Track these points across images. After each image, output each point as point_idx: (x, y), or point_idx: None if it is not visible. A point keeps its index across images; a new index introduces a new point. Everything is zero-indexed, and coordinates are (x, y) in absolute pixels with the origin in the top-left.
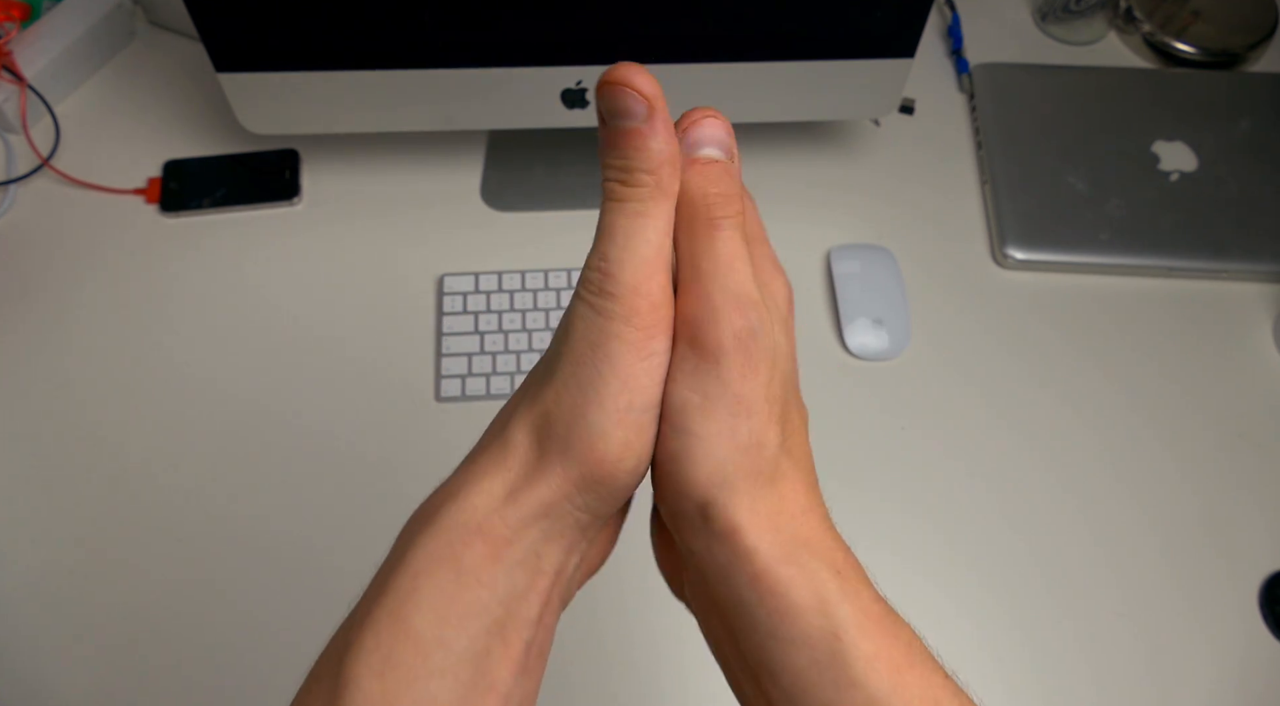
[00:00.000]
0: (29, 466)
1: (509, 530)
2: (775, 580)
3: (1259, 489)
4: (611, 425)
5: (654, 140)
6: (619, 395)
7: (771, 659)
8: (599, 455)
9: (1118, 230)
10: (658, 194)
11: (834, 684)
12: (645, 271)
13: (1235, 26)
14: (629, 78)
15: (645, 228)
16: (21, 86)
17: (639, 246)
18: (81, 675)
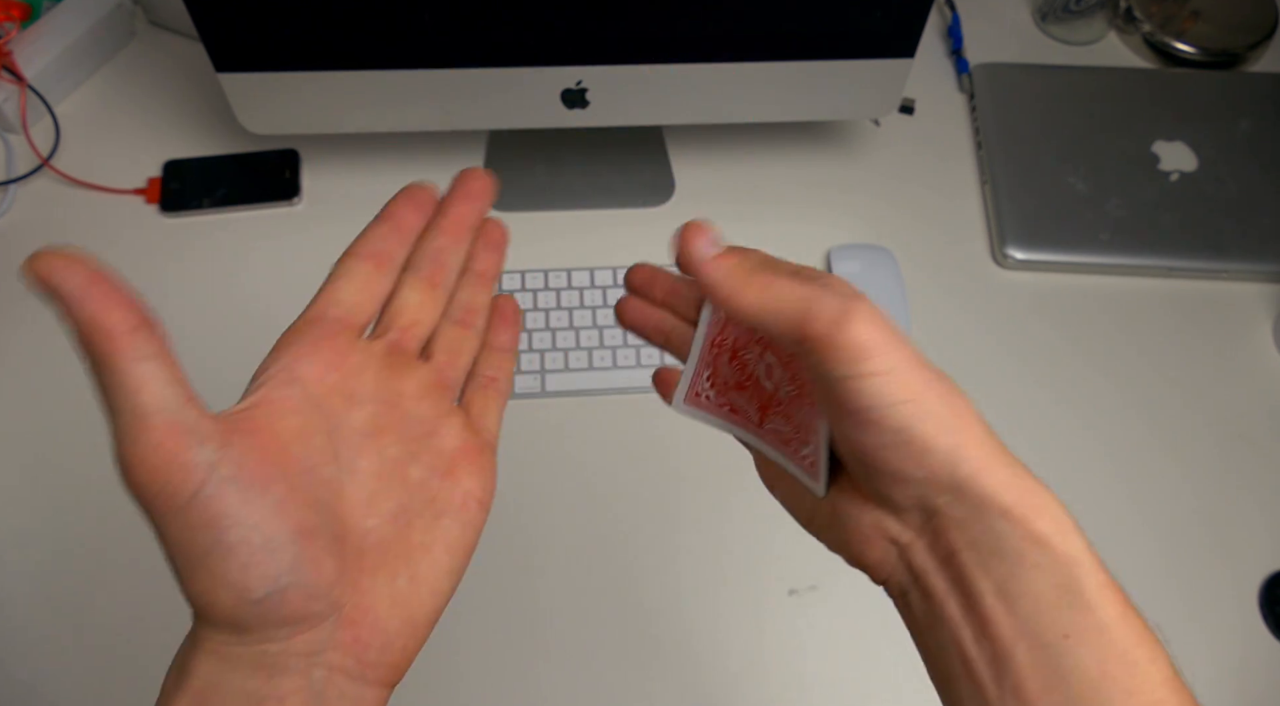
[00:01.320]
0: (29, 466)
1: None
2: (1025, 510)
3: (1259, 489)
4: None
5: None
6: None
7: (1015, 586)
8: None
9: (1118, 230)
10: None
11: (1070, 606)
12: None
13: (1235, 26)
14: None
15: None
16: (21, 86)
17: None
18: (82, 675)
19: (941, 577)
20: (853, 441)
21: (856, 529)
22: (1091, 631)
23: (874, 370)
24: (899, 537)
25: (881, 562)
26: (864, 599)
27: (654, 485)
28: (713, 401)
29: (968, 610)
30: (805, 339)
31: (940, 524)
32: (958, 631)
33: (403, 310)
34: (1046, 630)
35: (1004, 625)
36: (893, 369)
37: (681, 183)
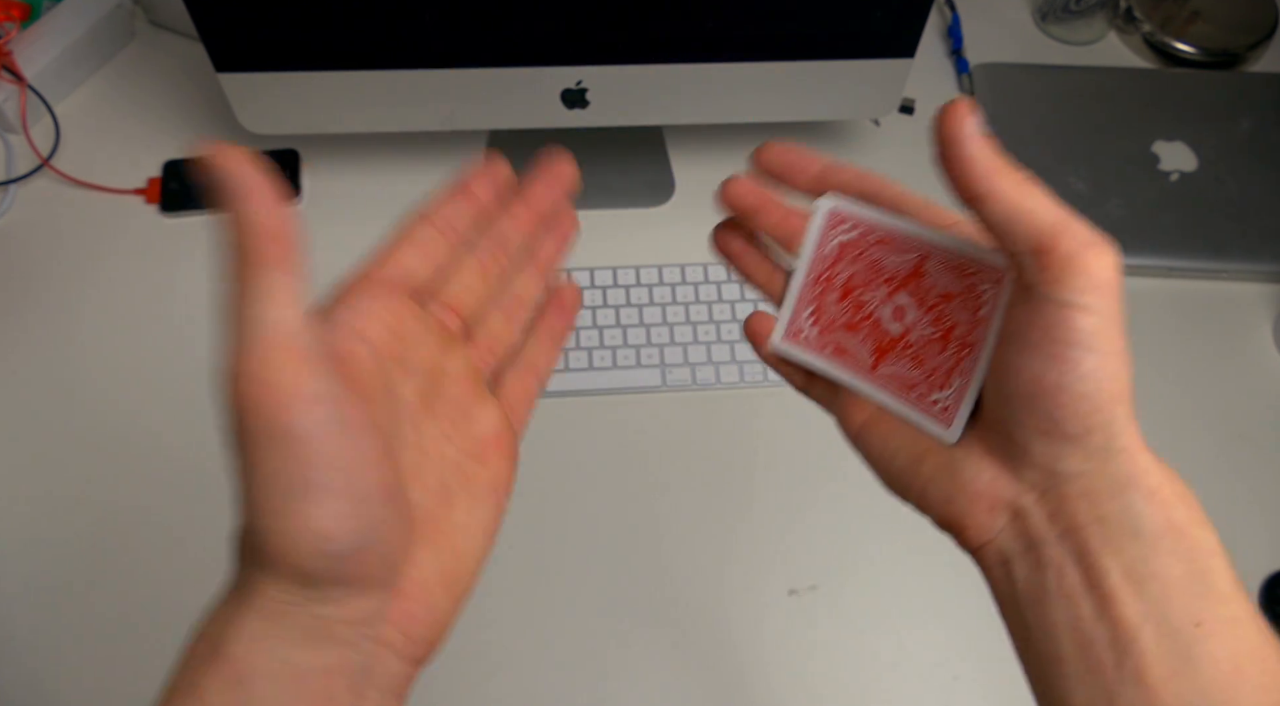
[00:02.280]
0: (30, 466)
1: (241, 648)
2: (1168, 495)
3: (1259, 489)
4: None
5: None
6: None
7: (1146, 569)
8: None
9: (1118, 230)
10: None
11: (1203, 594)
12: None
13: (1235, 26)
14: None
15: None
16: (21, 86)
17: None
18: (82, 675)
19: (1061, 549)
20: (1028, 376)
21: (970, 484)
22: (1225, 622)
23: (1098, 309)
24: (1017, 499)
25: (986, 525)
26: (864, 599)
27: (653, 485)
28: (814, 341)
29: (1090, 587)
30: (1050, 251)
31: (1067, 492)
32: (1075, 608)
33: (456, 287)
34: (1177, 615)
35: (1130, 606)
36: (1112, 317)
37: (681, 183)
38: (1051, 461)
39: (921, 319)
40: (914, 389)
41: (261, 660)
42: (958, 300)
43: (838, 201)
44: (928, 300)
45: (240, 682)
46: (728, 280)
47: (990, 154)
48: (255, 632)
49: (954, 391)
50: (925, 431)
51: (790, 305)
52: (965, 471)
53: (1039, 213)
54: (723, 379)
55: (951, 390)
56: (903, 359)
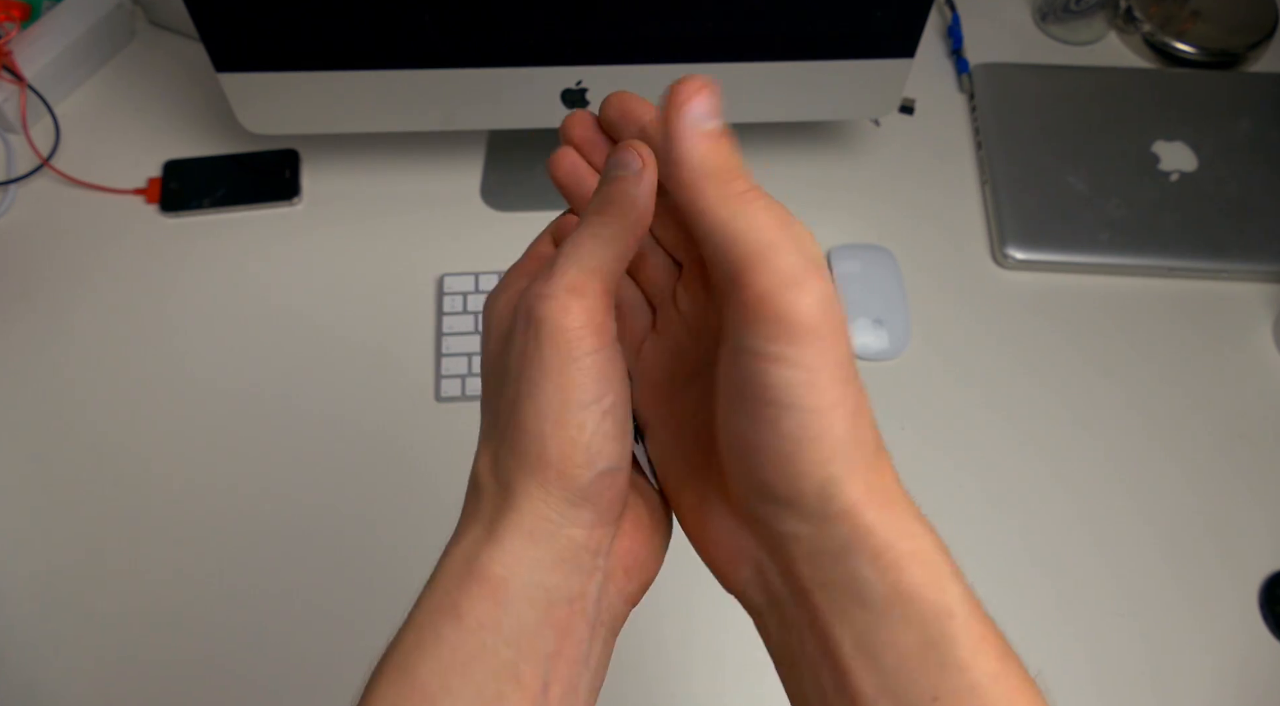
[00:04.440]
0: (29, 466)
1: (502, 568)
2: (897, 556)
3: (1259, 489)
4: (553, 428)
5: (636, 186)
6: (556, 396)
7: (877, 639)
8: (549, 459)
9: (1118, 230)
10: (624, 224)
11: (939, 665)
12: (588, 276)
13: (1235, 26)
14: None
15: (601, 248)
16: (21, 86)
17: (586, 256)
18: (82, 675)
19: (797, 612)
20: (734, 431)
21: (714, 531)
22: (962, 693)
23: (797, 360)
24: (754, 553)
25: (732, 576)
26: None
27: None
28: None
29: (824, 656)
30: (744, 287)
31: (793, 553)
32: (818, 677)
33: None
34: (913, 691)
35: (865, 681)
36: (818, 366)
37: None
38: (771, 520)
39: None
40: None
41: (520, 583)
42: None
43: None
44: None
45: (500, 604)
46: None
47: (711, 157)
48: (517, 552)
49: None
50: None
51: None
52: (711, 515)
53: (744, 236)
54: None
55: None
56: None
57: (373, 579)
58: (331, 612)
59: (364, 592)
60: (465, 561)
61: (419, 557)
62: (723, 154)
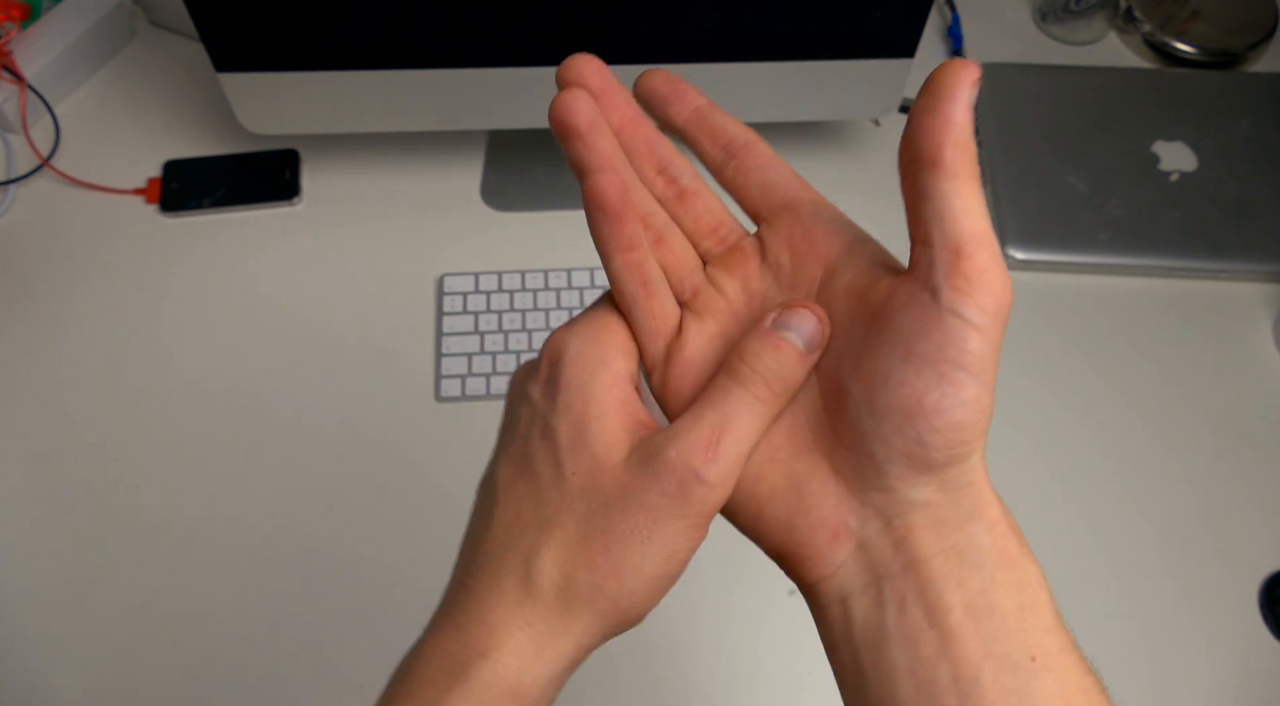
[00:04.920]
0: (28, 466)
1: (539, 689)
2: (1005, 526)
3: (1259, 489)
4: (645, 589)
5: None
6: (659, 566)
7: (984, 602)
8: (626, 612)
9: (1118, 230)
10: (784, 402)
11: (1035, 627)
12: (739, 466)
13: (1235, 26)
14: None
15: (758, 427)
16: (21, 86)
17: (748, 442)
18: (81, 675)
19: (904, 583)
20: (908, 391)
21: (814, 508)
22: (1054, 654)
23: (990, 335)
24: (861, 528)
25: (827, 557)
26: None
27: None
28: None
29: (932, 624)
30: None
31: (914, 521)
32: (917, 648)
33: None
34: (1014, 651)
35: (971, 645)
36: (997, 347)
37: None
38: (906, 487)
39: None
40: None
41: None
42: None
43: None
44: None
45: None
46: None
47: (970, 132)
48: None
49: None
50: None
51: None
52: (809, 493)
53: (975, 214)
54: None
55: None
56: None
57: (372, 577)
58: (331, 612)
59: (364, 591)
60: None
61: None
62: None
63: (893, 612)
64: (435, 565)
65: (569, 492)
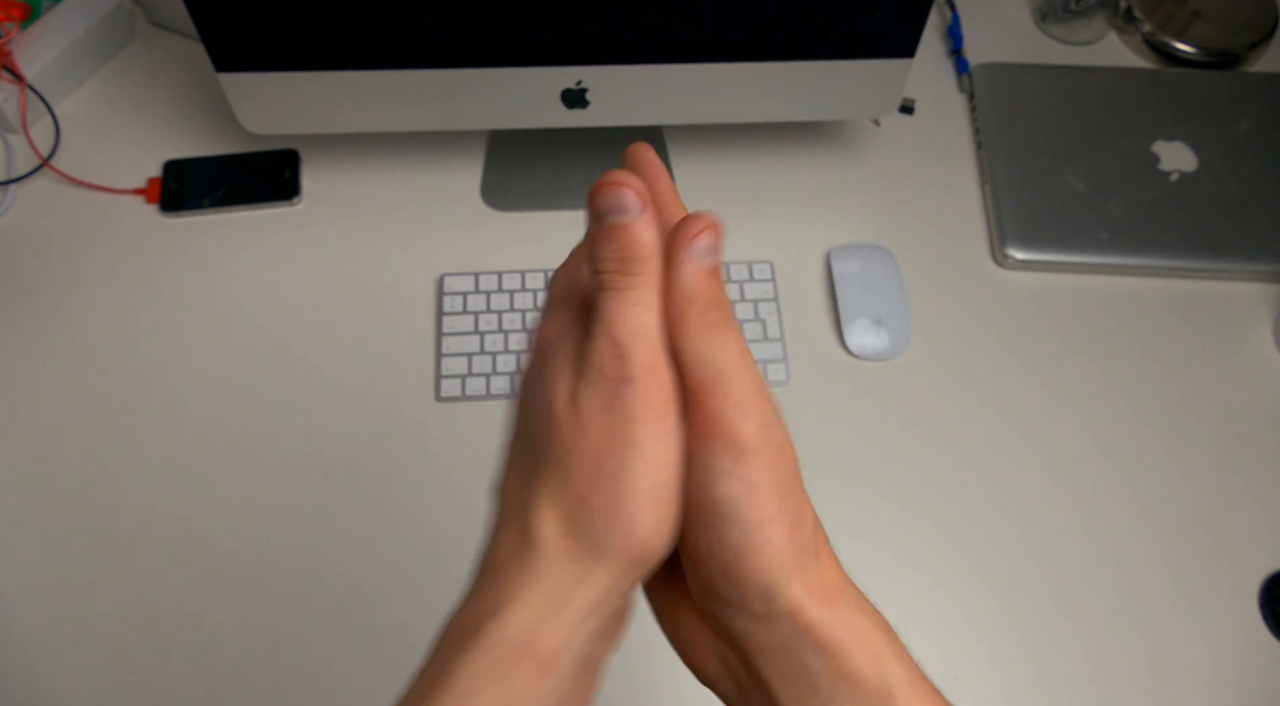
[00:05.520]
0: (28, 466)
1: (557, 642)
2: (838, 646)
3: (1259, 489)
4: (647, 508)
5: (647, 233)
6: (648, 477)
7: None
8: (640, 540)
9: (1118, 230)
10: (653, 282)
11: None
12: (656, 353)
13: (1235, 26)
14: (622, 178)
15: (646, 314)
16: (21, 86)
17: (646, 331)
18: (80, 675)
19: (760, 699)
20: (688, 538)
21: (683, 628)
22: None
23: (740, 475)
24: (719, 648)
25: (705, 668)
26: None
27: None
28: None
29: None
30: (700, 405)
31: (749, 647)
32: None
33: None
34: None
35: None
36: (755, 484)
37: (682, 182)
38: (725, 620)
39: None
40: None
41: (569, 655)
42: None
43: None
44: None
45: (548, 676)
46: (728, 280)
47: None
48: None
49: None
50: None
51: None
52: (678, 613)
53: (707, 361)
54: None
55: None
56: None
57: (372, 577)
58: (331, 611)
59: (363, 590)
60: (518, 630)
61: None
62: (713, 287)
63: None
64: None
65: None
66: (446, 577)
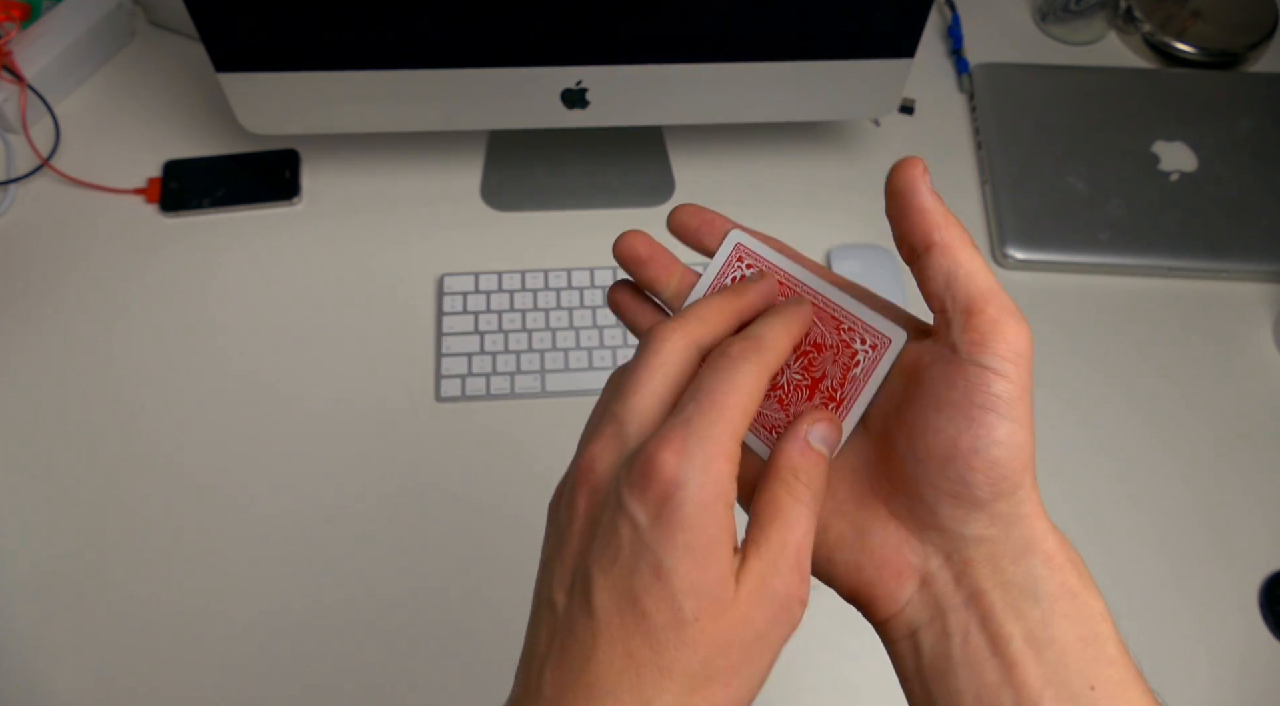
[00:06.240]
0: (29, 466)
1: None
2: (1063, 560)
3: (1259, 489)
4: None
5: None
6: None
7: (1045, 633)
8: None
9: (1118, 230)
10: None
11: (1097, 658)
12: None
13: (1235, 26)
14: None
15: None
16: (21, 86)
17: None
18: (81, 675)
19: (966, 615)
20: (944, 437)
21: (878, 550)
22: (1115, 684)
23: (1013, 377)
24: (924, 565)
25: (895, 594)
26: None
27: None
28: None
29: (994, 652)
30: (980, 312)
31: (971, 557)
32: (980, 675)
33: None
34: (1074, 680)
35: (1032, 672)
36: (1024, 387)
37: (681, 183)
38: (958, 525)
39: (793, 364)
40: (774, 430)
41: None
42: (829, 353)
43: (745, 236)
44: (802, 346)
45: None
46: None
47: (943, 208)
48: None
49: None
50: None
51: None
52: (872, 537)
53: (977, 275)
54: None
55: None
56: (769, 399)
57: (371, 575)
58: (330, 609)
59: (362, 588)
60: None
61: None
62: (948, 210)
63: (958, 643)
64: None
65: (690, 637)
66: (445, 577)
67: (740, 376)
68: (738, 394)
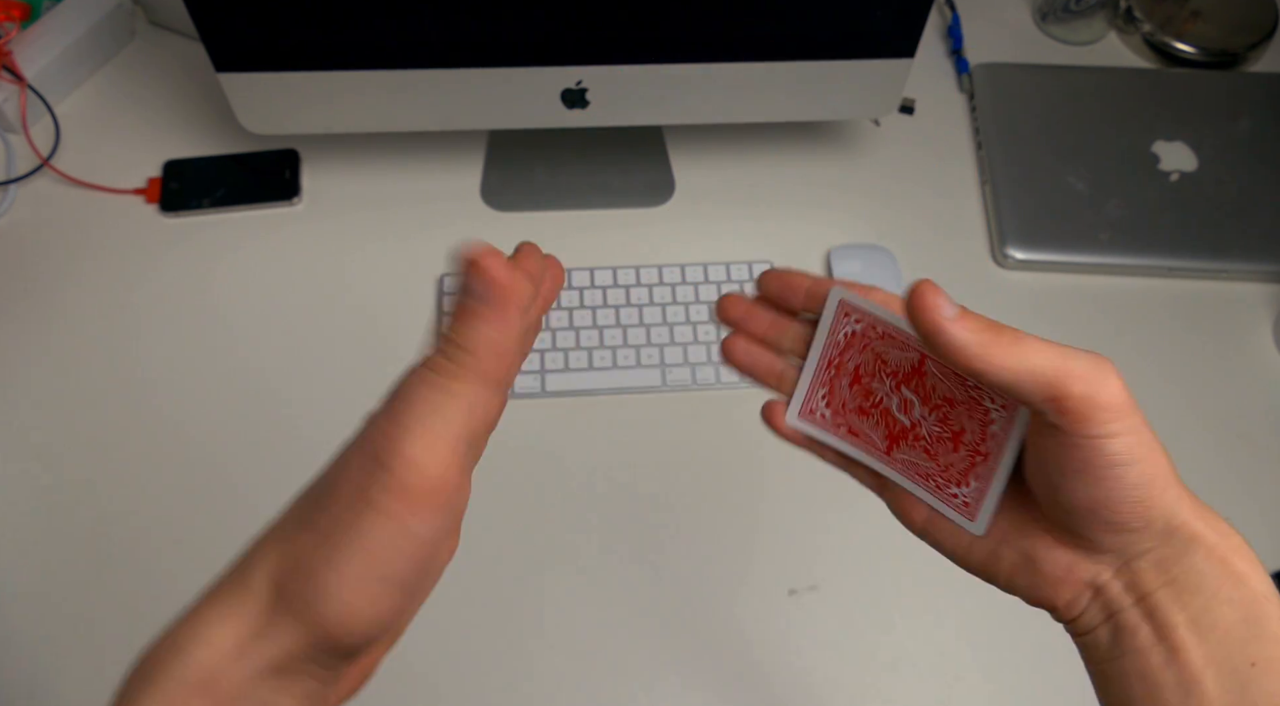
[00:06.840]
0: (29, 466)
1: (235, 687)
2: (1225, 549)
3: (1259, 489)
4: (344, 592)
5: (486, 325)
6: (361, 565)
7: (1206, 618)
8: (326, 619)
9: (1118, 230)
10: (471, 375)
11: (1258, 637)
12: (432, 448)
13: (1235, 26)
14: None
15: (445, 405)
16: (21, 86)
17: (434, 422)
18: (82, 675)
19: (1136, 613)
20: (1081, 496)
21: (1051, 572)
22: (1276, 661)
23: (1122, 430)
24: (1095, 578)
25: (1072, 604)
26: (864, 599)
27: (653, 486)
28: (829, 421)
29: (1159, 639)
30: (1063, 398)
31: (1139, 566)
32: (1146, 658)
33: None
34: (1235, 657)
35: (1195, 653)
36: (1135, 428)
37: (681, 183)
38: (1122, 547)
39: (928, 416)
40: (930, 478)
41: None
42: (962, 407)
43: (847, 293)
44: (931, 400)
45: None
46: (728, 280)
47: (973, 330)
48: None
49: (974, 491)
50: (949, 519)
51: (805, 385)
52: (1044, 563)
53: (1039, 368)
54: (723, 379)
55: (970, 489)
56: (915, 448)
57: None
58: None
59: None
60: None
61: None
62: (979, 325)
63: (1128, 635)
64: None
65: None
66: (445, 577)
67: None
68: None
